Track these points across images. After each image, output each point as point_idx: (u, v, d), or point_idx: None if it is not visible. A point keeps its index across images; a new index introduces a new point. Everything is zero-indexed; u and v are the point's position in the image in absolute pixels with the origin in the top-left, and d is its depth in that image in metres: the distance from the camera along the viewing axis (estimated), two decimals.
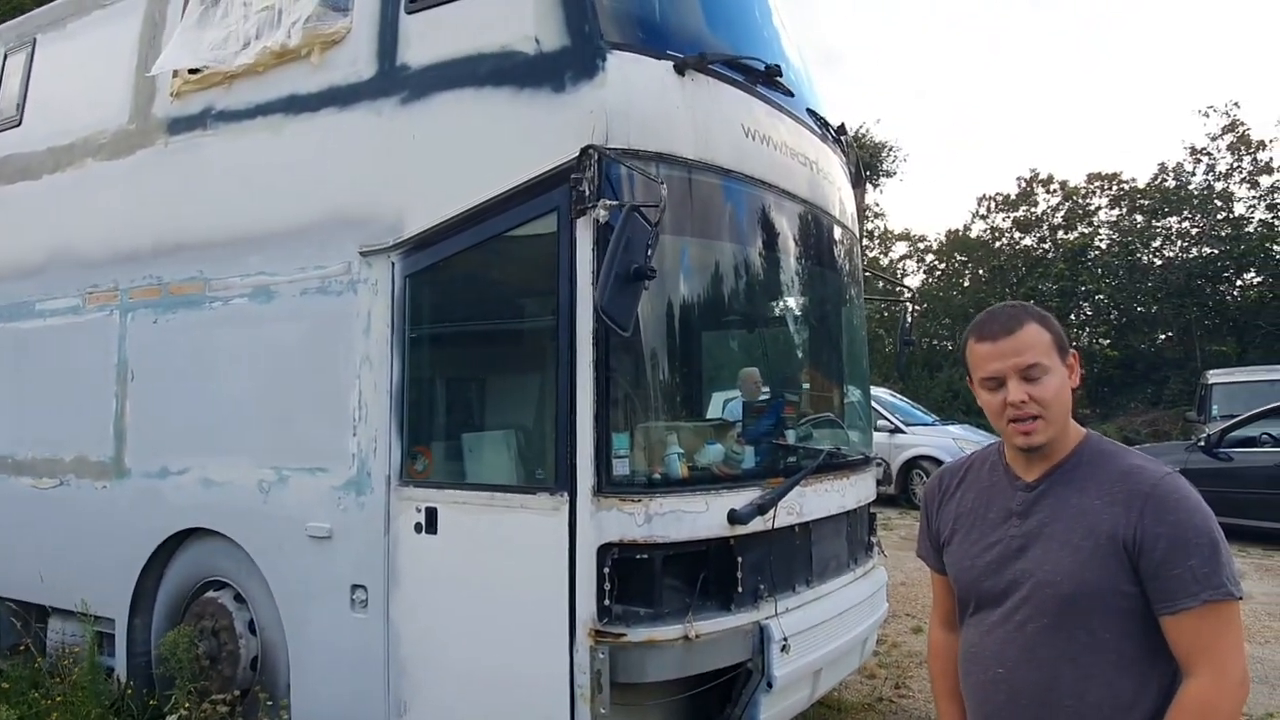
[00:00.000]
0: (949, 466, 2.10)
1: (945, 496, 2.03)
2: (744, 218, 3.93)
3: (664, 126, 3.60)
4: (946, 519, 2.00)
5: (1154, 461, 1.77)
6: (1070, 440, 1.82)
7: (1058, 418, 1.77)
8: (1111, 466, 1.76)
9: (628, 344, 3.51)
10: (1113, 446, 1.83)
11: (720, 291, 4.04)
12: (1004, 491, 1.88)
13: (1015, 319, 1.80)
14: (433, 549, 3.77)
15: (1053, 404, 1.76)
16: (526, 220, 3.64)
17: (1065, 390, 1.78)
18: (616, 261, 3.02)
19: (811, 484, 4.07)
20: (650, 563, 3.41)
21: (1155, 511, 1.66)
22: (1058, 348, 1.78)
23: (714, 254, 3.91)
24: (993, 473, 1.93)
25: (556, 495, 3.45)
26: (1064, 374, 1.78)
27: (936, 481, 2.09)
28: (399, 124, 4.02)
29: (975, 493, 1.95)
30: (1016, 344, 1.77)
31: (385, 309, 3.98)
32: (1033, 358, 1.75)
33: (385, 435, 3.94)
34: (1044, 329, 1.78)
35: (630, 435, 3.46)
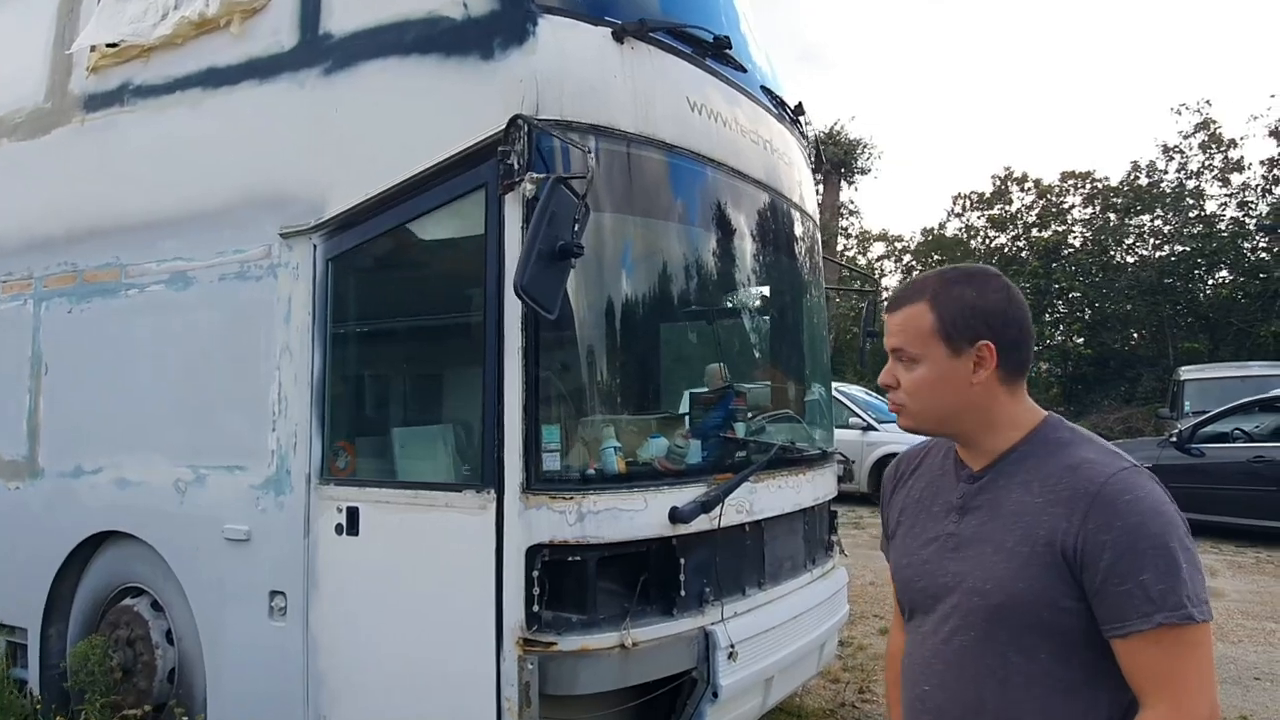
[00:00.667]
0: (907, 452, 1.87)
1: (898, 484, 1.81)
2: (690, 197, 3.69)
3: (600, 97, 3.36)
4: (895, 510, 1.79)
5: (1111, 454, 1.50)
6: (1015, 426, 1.57)
7: (925, 411, 1.57)
8: (1059, 458, 1.50)
9: (560, 330, 3.27)
10: (1069, 435, 1.56)
11: (665, 275, 3.79)
12: (949, 482, 1.65)
13: (907, 294, 1.60)
14: (354, 552, 3.50)
15: (915, 395, 1.56)
16: (453, 198, 3.38)
17: (943, 384, 1.54)
18: (539, 237, 2.77)
19: (763, 480, 3.84)
20: (584, 565, 3.16)
21: (1101, 514, 1.39)
22: (943, 335, 1.53)
23: (656, 235, 3.67)
24: (945, 460, 1.71)
25: (483, 493, 3.19)
26: (947, 366, 1.53)
27: (893, 468, 1.86)
28: (321, 96, 3.75)
29: (926, 481, 1.73)
30: (892, 321, 1.60)
31: (306, 295, 3.71)
32: (899, 341, 1.57)
33: (306, 430, 3.67)
34: (932, 310, 1.54)
35: (562, 428, 3.22)
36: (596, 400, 3.43)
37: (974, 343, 1.52)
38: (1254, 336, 20.88)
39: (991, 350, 1.51)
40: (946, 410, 1.56)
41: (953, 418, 1.57)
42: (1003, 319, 1.53)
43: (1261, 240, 22.32)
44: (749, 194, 4.05)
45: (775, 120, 4.47)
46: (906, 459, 1.84)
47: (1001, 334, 1.52)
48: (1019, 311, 1.55)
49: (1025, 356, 1.57)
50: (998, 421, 1.56)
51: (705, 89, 3.81)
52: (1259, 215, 22.59)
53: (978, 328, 1.52)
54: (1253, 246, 22.53)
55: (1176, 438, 10.56)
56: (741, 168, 3.97)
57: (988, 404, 1.54)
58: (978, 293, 1.54)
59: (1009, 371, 1.54)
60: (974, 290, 1.54)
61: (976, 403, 1.54)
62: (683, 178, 3.62)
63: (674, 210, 3.66)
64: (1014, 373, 1.55)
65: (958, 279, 1.57)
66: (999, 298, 1.54)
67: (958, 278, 1.58)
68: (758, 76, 4.43)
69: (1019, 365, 1.56)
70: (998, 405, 1.55)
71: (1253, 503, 9.68)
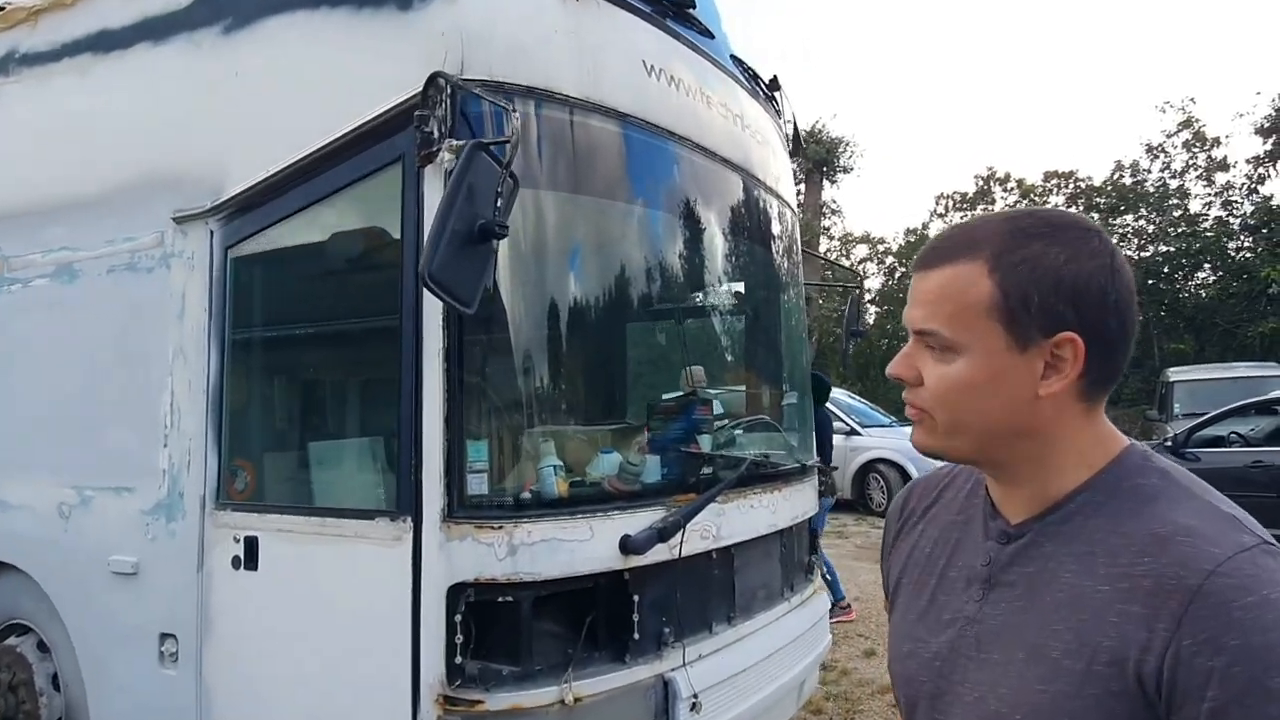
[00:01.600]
0: (925, 478, 1.35)
1: (905, 524, 1.30)
2: (646, 174, 3.19)
3: (539, 55, 2.86)
4: (898, 561, 1.28)
5: (1223, 519, 0.97)
6: (1082, 462, 1.05)
7: (958, 427, 1.05)
8: (1141, 520, 0.99)
9: (490, 329, 2.77)
10: (1158, 481, 1.03)
11: (618, 265, 3.30)
12: (975, 536, 1.15)
13: (951, 245, 1.06)
14: (252, 589, 2.99)
15: (945, 403, 1.04)
16: (367, 173, 2.88)
17: (993, 392, 1.02)
18: (454, 214, 2.27)
19: (733, 500, 3.35)
20: (516, 607, 2.66)
21: (1207, 625, 0.89)
22: (1006, 317, 1.00)
23: (607, 217, 3.17)
24: (971, 498, 1.20)
25: (398, 521, 2.69)
26: (1004, 365, 1.01)
27: (902, 500, 1.35)
28: (220, 58, 3.24)
29: (941, 527, 1.22)
30: (923, 287, 1.06)
31: (202, 289, 3.19)
32: (930, 318, 1.04)
33: (201, 446, 3.15)
34: (992, 274, 1.01)
35: (492, 444, 2.72)
36: (534, 411, 2.92)
37: (1052, 334, 0.99)
38: (1240, 337, 20.63)
39: (1079, 348, 1.00)
40: (991, 430, 1.04)
41: (998, 443, 1.05)
42: (1101, 302, 1.00)
43: (1246, 240, 22.10)
44: (716, 174, 3.56)
45: (748, 95, 3.99)
46: (919, 491, 1.33)
47: (1096, 325, 1.00)
48: (1126, 293, 1.02)
49: (1120, 363, 1.05)
50: (1063, 455, 1.04)
51: (665, 53, 3.32)
52: (1243, 214, 22.39)
53: (1062, 312, 0.99)
54: (1237, 246, 22.30)
55: (1171, 442, 10.14)
56: (707, 143, 3.48)
57: (1054, 429, 1.03)
58: (1068, 256, 1.00)
59: (1095, 383, 1.03)
60: (1063, 251, 1.00)
61: (1039, 425, 1.03)
62: (637, 151, 3.12)
63: (627, 189, 3.16)
64: (1100, 385, 1.03)
65: (1037, 230, 1.02)
66: (1099, 266, 1.00)
67: (1037, 228, 1.03)
68: (727, 45, 3.95)
69: (1109, 375, 1.04)
70: (1068, 432, 1.04)
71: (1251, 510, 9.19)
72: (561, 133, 2.90)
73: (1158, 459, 1.07)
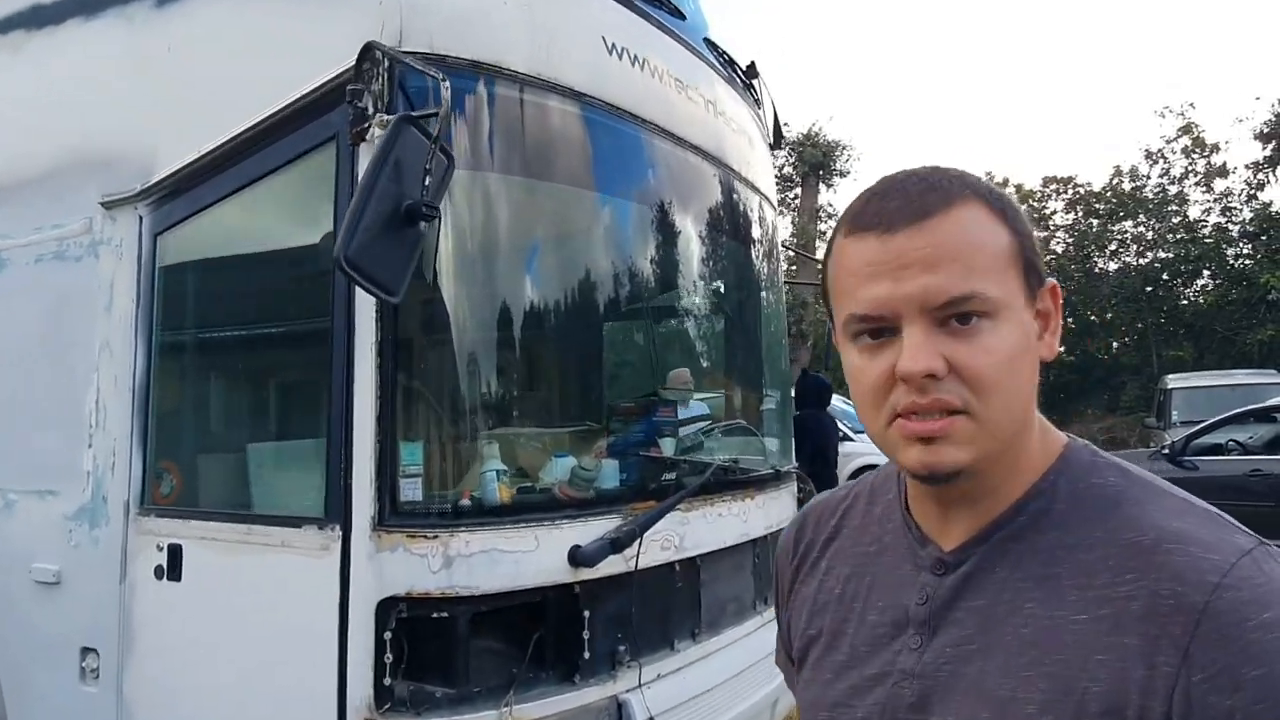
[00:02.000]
0: (819, 502, 1.12)
1: (804, 563, 1.06)
2: (603, 157, 2.97)
3: (486, 26, 2.66)
4: (800, 609, 1.04)
5: (1214, 522, 0.81)
6: (1030, 464, 0.87)
7: (1002, 417, 0.82)
8: (1113, 528, 0.81)
9: (429, 321, 2.57)
10: (1118, 478, 0.86)
11: (573, 253, 3.09)
12: (900, 568, 0.93)
13: (934, 193, 0.84)
14: (175, 601, 2.77)
15: (998, 386, 0.81)
16: (299, 154, 2.67)
17: (1025, 360, 0.83)
18: (376, 193, 2.06)
19: (699, 508, 3.14)
20: (452, 624, 2.44)
21: (1221, 651, 0.71)
22: (1022, 264, 0.84)
23: (561, 202, 2.96)
24: (884, 523, 0.98)
25: (326, 530, 2.48)
26: (1028, 326, 0.84)
27: (794, 533, 1.10)
28: (152, 32, 3.04)
29: (850, 562, 0.99)
30: (937, 241, 0.81)
31: (130, 278, 2.99)
32: (969, 279, 0.80)
33: (126, 447, 2.94)
34: (997, 216, 0.84)
35: (428, 446, 2.51)
36: (477, 412, 2.71)
37: (1040, 282, 0.87)
38: (1239, 344, 20.42)
39: (1058, 296, 0.89)
40: (1021, 413, 0.85)
41: (1021, 429, 0.86)
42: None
43: (1245, 246, 21.90)
44: (684, 161, 3.35)
45: (722, 81, 3.79)
46: (814, 519, 1.09)
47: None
48: None
49: None
50: (1027, 451, 0.87)
51: (630, 31, 3.11)
52: (1242, 221, 22.20)
53: (1039, 257, 0.88)
54: (1236, 253, 22.10)
55: (1168, 450, 9.92)
56: (675, 129, 3.27)
57: (1033, 398, 0.87)
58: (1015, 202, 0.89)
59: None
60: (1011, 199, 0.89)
61: (1032, 396, 0.87)
62: (594, 134, 2.91)
63: (583, 173, 2.95)
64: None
65: (971, 176, 0.89)
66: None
67: (969, 175, 0.89)
68: (701, 27, 3.75)
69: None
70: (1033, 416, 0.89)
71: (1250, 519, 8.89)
72: (509, 111, 2.69)
73: (1103, 454, 0.90)
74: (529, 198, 2.83)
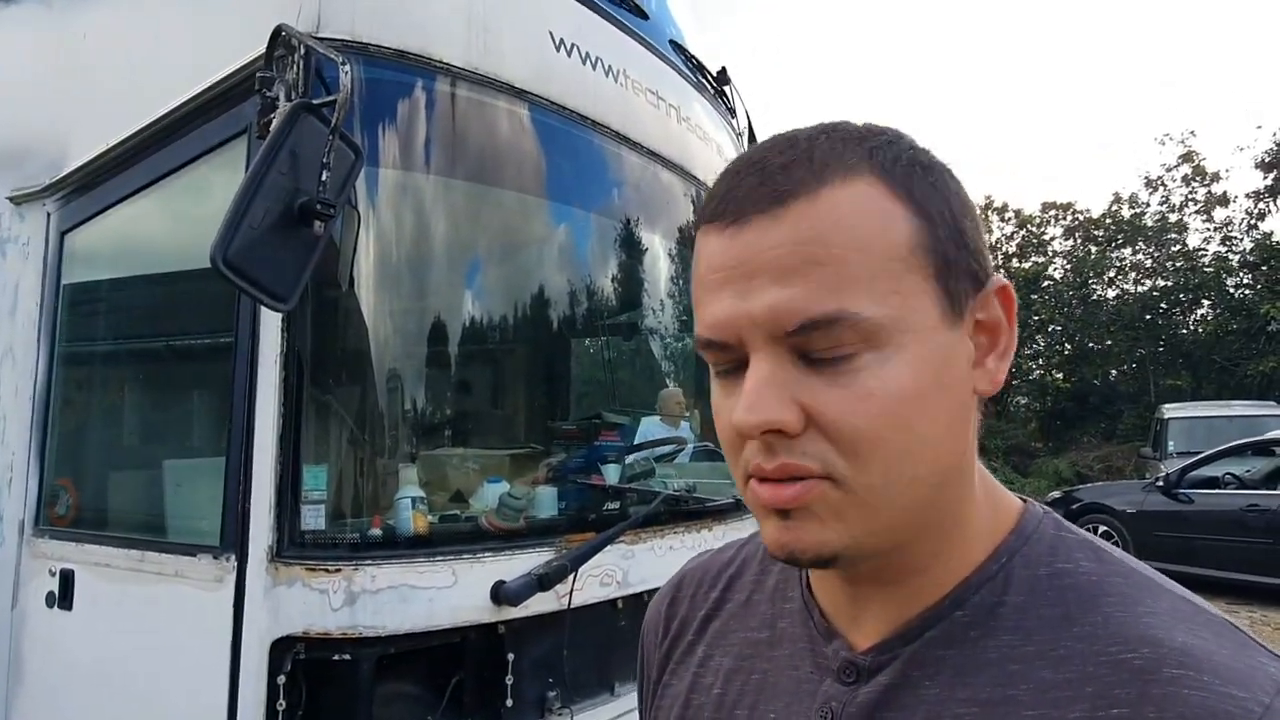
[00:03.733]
0: (698, 565, 0.89)
1: (675, 647, 0.83)
2: (545, 159, 2.76)
3: (415, 15, 2.45)
4: (668, 710, 0.80)
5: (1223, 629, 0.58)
6: (973, 537, 0.64)
7: (890, 487, 0.58)
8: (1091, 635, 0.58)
9: (343, 332, 2.35)
10: (1091, 562, 0.63)
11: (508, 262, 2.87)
12: (798, 667, 0.70)
13: (801, 166, 0.59)
14: (66, 632, 2.54)
15: (880, 446, 0.57)
16: (210, 148, 2.46)
17: (937, 403, 0.59)
18: (264, 187, 1.85)
19: (646, 540, 2.91)
20: (354, 667, 2.21)
21: None
22: (934, 265, 0.59)
23: (497, 207, 2.73)
24: (779, 601, 0.76)
25: (221, 559, 2.25)
26: (945, 352, 0.59)
27: (664, 605, 0.87)
28: (70, 19, 2.84)
29: (735, 651, 0.76)
30: (790, 238, 0.57)
31: (35, 280, 2.77)
32: (829, 297, 0.56)
33: (24, 461, 2.72)
34: (897, 197, 0.59)
35: (334, 469, 2.28)
36: (392, 433, 2.49)
37: (981, 285, 0.62)
38: (1238, 375, 20.21)
39: (1011, 301, 0.64)
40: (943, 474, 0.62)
41: (939, 499, 0.62)
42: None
43: (1245, 276, 21.74)
44: (640, 168, 3.13)
45: (689, 86, 3.59)
46: (689, 589, 0.87)
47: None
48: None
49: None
50: (970, 514, 0.64)
51: (581, 27, 2.91)
52: (1243, 251, 22.04)
53: (981, 249, 0.63)
54: (1236, 283, 21.93)
55: (1163, 482, 9.70)
56: (631, 134, 3.06)
57: (971, 458, 0.64)
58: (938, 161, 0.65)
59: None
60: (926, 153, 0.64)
61: (968, 451, 0.63)
62: (536, 134, 2.69)
63: (522, 176, 2.73)
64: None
65: (881, 129, 0.64)
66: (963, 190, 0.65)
67: (896, 136, 0.64)
68: (668, 29, 3.55)
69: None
70: (973, 467, 0.65)
71: (1246, 556, 8.80)
72: (439, 106, 2.48)
73: (1071, 526, 0.66)
74: (460, 201, 2.61)
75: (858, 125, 0.64)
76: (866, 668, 0.64)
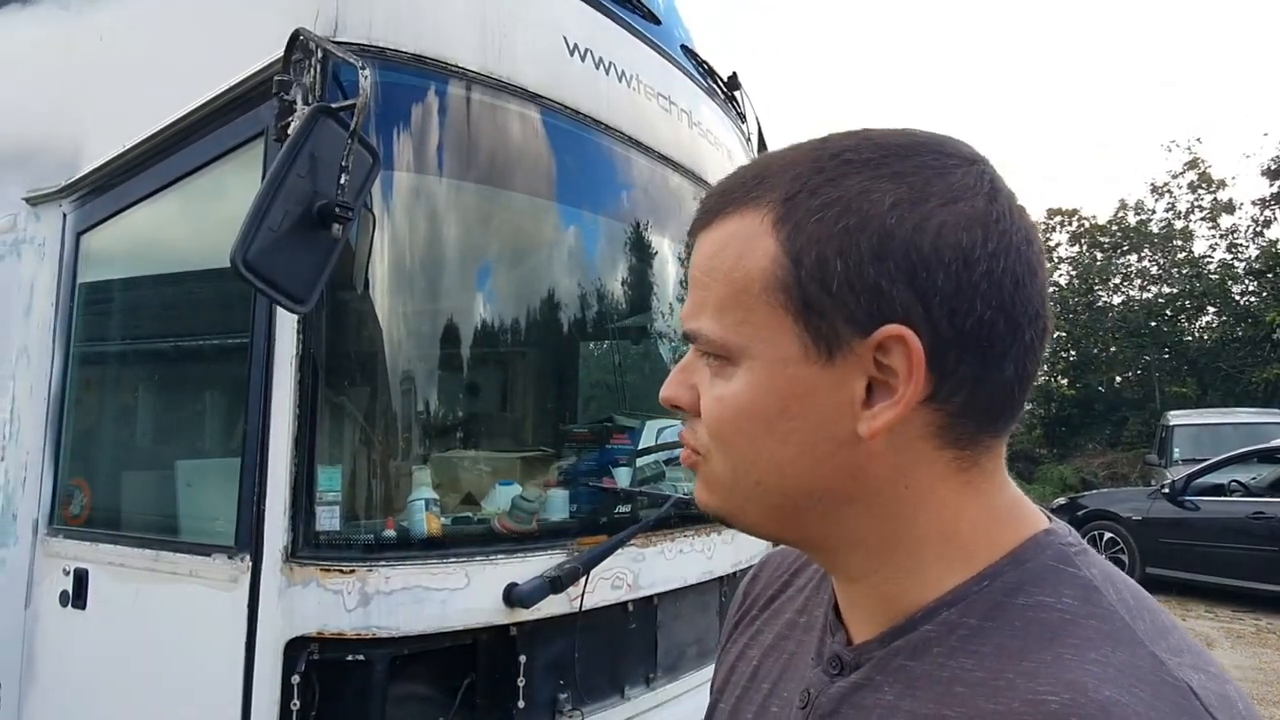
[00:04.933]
0: (777, 553, 0.94)
1: (745, 617, 0.90)
2: (558, 162, 2.77)
3: (432, 20, 2.47)
4: (723, 668, 0.88)
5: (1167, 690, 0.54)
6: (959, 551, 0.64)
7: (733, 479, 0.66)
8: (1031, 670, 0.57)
9: (358, 333, 2.36)
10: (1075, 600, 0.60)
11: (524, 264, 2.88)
12: (811, 652, 0.75)
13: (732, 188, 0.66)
14: (80, 631, 2.55)
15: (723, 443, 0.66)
16: (227, 150, 2.47)
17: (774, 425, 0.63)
18: (284, 190, 1.86)
19: (657, 544, 2.92)
20: (368, 668, 2.22)
21: None
22: (796, 302, 0.60)
23: (511, 210, 2.75)
24: (818, 593, 0.81)
25: (236, 560, 2.26)
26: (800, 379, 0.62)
27: (749, 580, 0.96)
28: (86, 21, 2.86)
29: (778, 630, 0.83)
30: (696, 259, 0.68)
31: (50, 280, 2.79)
32: (695, 314, 0.67)
33: (38, 460, 2.73)
34: (774, 231, 0.61)
35: (349, 470, 2.29)
36: (407, 434, 2.50)
37: (870, 329, 0.59)
38: (1243, 382, 20.17)
39: (914, 352, 0.58)
40: (791, 490, 0.64)
41: (806, 513, 0.65)
42: (963, 274, 0.58)
43: (1251, 284, 21.71)
44: (652, 171, 3.15)
45: (701, 91, 3.60)
46: (770, 569, 0.92)
47: (956, 314, 0.58)
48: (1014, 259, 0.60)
49: (1009, 379, 0.62)
50: (919, 539, 0.64)
51: (594, 33, 2.92)
52: (1248, 259, 22.02)
53: (887, 291, 0.58)
54: (1242, 290, 21.91)
55: (1169, 489, 9.68)
56: (642, 137, 3.07)
57: (897, 491, 0.63)
58: (905, 197, 0.59)
59: (965, 415, 0.62)
60: (895, 190, 0.59)
61: (871, 485, 0.63)
62: (549, 138, 2.71)
63: (537, 180, 2.74)
64: (977, 419, 0.63)
65: (860, 157, 0.61)
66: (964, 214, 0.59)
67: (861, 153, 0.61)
68: (679, 34, 3.57)
69: (991, 402, 0.62)
70: (925, 497, 0.63)
71: (1251, 563, 8.78)
72: (455, 110, 2.49)
73: (1090, 561, 0.63)
74: (475, 204, 2.62)
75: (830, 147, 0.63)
76: (849, 664, 0.68)
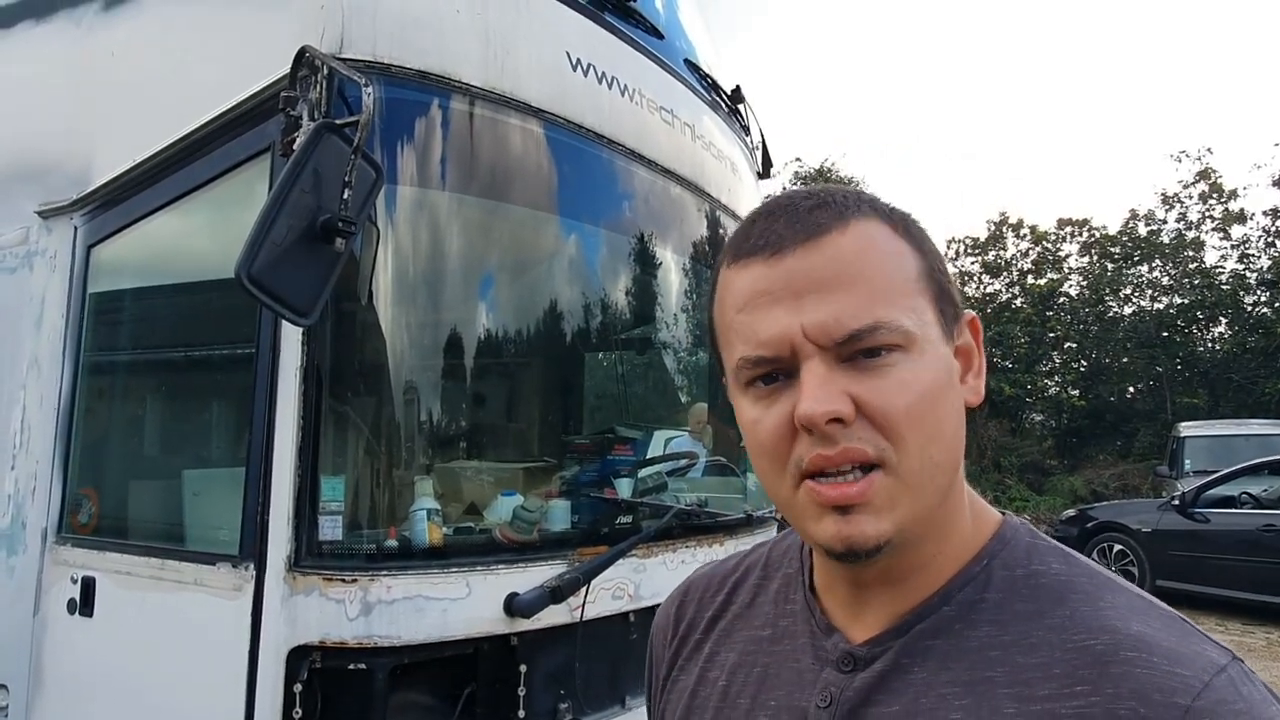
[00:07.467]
0: (705, 574, 0.96)
1: (684, 647, 0.90)
2: (563, 178, 2.80)
3: (435, 36, 2.50)
4: (677, 704, 0.87)
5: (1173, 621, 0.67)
6: (960, 541, 0.75)
7: (925, 465, 0.69)
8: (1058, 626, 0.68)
9: (362, 345, 2.39)
10: (1061, 565, 0.73)
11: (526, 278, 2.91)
12: (798, 660, 0.78)
13: (826, 209, 0.73)
14: (87, 639, 2.58)
15: (916, 426, 0.69)
16: (234, 165, 2.52)
17: (948, 401, 0.72)
18: (288, 205, 1.90)
19: (657, 554, 2.93)
20: (369, 677, 2.24)
21: None
22: (934, 290, 0.73)
23: (514, 225, 2.78)
24: (781, 603, 0.84)
25: (240, 569, 2.29)
26: (948, 363, 0.73)
27: (674, 609, 0.94)
28: (98, 38, 2.91)
29: (739, 647, 0.84)
30: (828, 262, 0.70)
31: (61, 292, 2.84)
32: (873, 307, 0.69)
33: (48, 470, 2.77)
34: (901, 235, 0.74)
35: (352, 480, 2.32)
36: (410, 445, 2.52)
37: (956, 312, 0.76)
38: (1255, 394, 20.04)
39: (978, 330, 0.79)
40: (948, 468, 0.72)
41: (948, 491, 0.74)
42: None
43: (1263, 295, 21.59)
44: (656, 186, 3.18)
45: (704, 105, 3.63)
46: (698, 593, 0.94)
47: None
48: None
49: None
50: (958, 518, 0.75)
51: (597, 47, 2.96)
52: (1260, 269, 21.90)
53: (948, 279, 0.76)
54: (1254, 301, 21.79)
55: (1179, 501, 9.63)
56: (646, 152, 3.10)
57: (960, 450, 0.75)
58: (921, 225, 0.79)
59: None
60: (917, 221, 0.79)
61: (959, 447, 0.74)
62: (552, 152, 2.74)
63: (540, 195, 2.77)
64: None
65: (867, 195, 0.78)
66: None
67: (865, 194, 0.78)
68: (681, 47, 3.60)
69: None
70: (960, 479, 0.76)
71: (1262, 576, 8.72)
72: (459, 125, 2.53)
73: (1043, 536, 0.77)
74: (477, 218, 2.65)
75: (851, 188, 0.78)
76: (863, 658, 0.73)
